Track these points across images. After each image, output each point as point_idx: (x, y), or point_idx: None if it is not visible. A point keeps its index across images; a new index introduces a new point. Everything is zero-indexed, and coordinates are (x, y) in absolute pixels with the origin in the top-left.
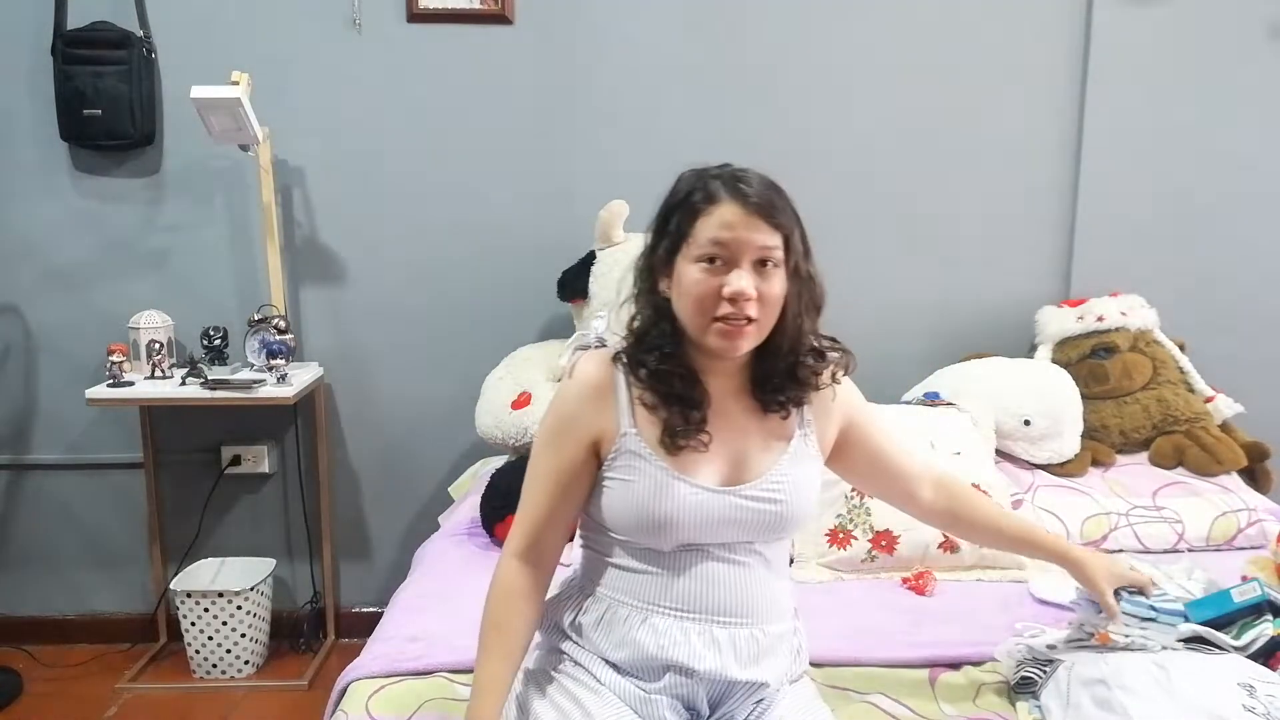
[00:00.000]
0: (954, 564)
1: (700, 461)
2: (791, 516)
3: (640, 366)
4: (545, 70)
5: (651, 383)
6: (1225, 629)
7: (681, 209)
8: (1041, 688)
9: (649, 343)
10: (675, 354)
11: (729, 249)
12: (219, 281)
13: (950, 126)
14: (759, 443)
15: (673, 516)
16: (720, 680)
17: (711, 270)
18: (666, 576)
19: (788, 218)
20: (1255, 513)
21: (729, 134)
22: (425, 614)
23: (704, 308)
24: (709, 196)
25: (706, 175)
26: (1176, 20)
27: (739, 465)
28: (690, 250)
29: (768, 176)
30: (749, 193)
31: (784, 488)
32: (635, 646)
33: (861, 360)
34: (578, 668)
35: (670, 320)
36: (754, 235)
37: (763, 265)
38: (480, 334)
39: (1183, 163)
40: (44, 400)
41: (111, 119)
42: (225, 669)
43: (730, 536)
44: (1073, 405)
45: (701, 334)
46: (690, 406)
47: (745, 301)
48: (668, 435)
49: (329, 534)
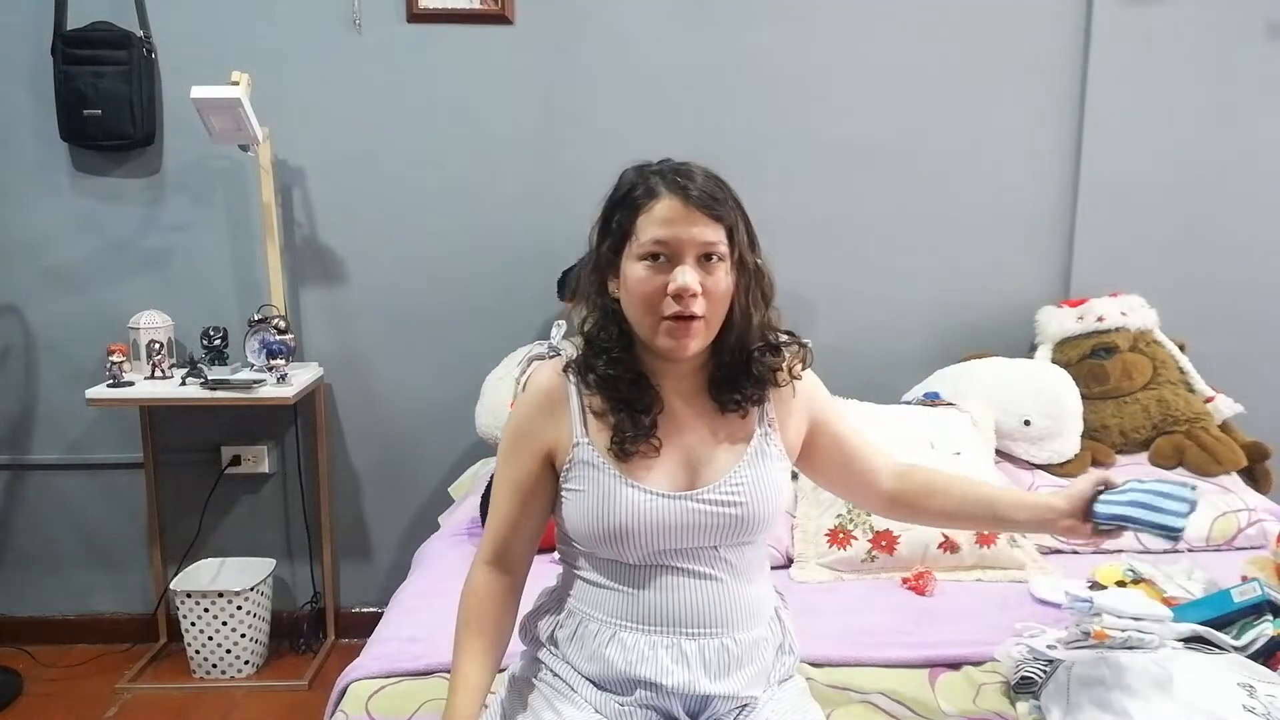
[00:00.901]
0: (954, 564)
1: (654, 467)
2: (754, 519)
3: (589, 372)
4: (545, 70)
5: (600, 388)
6: (1225, 629)
7: (623, 206)
8: (1041, 688)
9: (598, 346)
10: (625, 358)
11: (671, 245)
12: (219, 281)
13: (950, 126)
14: (717, 445)
15: (627, 525)
16: (691, 696)
17: (655, 267)
18: (631, 591)
19: (729, 209)
20: (1255, 513)
21: (729, 134)
22: (425, 614)
23: (650, 306)
24: (649, 192)
25: (647, 170)
26: (1176, 20)
27: (696, 468)
28: (634, 248)
29: (710, 169)
30: (689, 186)
31: (744, 489)
32: (605, 662)
33: (862, 360)
34: (556, 678)
35: (620, 323)
36: (696, 229)
37: (707, 259)
38: (480, 334)
39: (1183, 162)
40: (44, 400)
41: (111, 119)
42: (225, 669)
43: (692, 542)
44: (1073, 405)
45: (650, 335)
46: (639, 411)
47: (691, 297)
48: (616, 442)
49: (329, 534)
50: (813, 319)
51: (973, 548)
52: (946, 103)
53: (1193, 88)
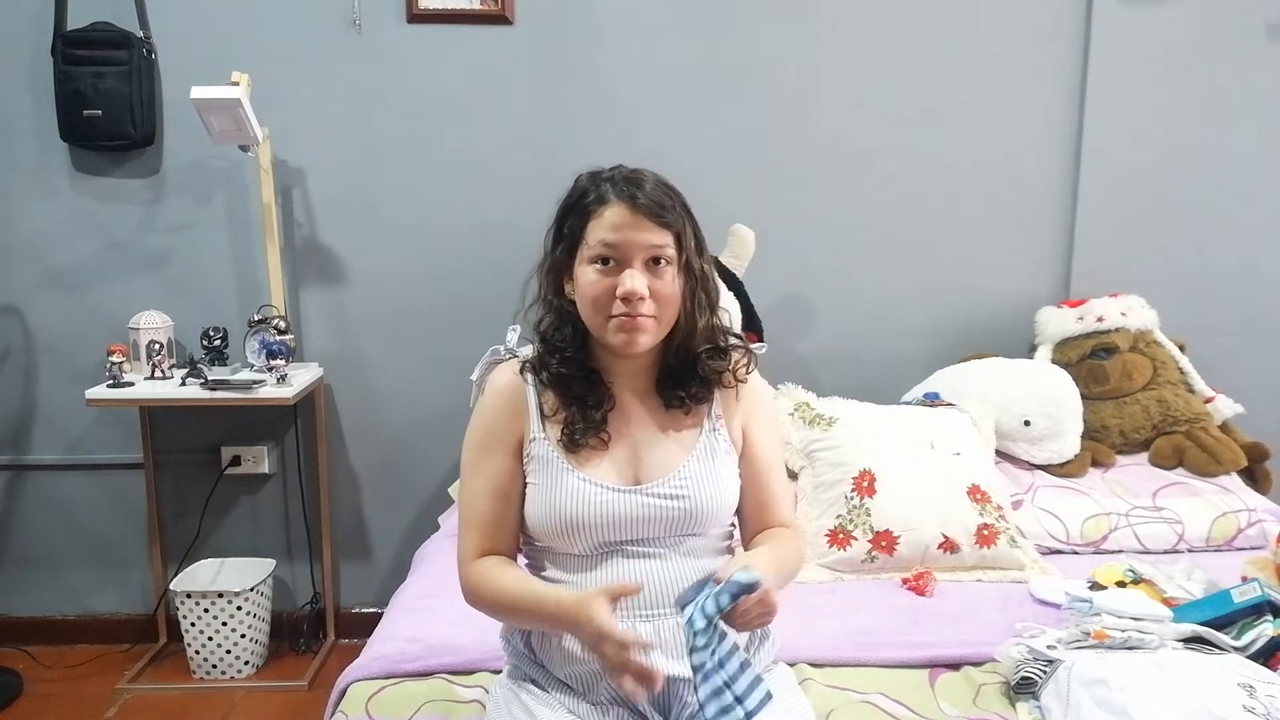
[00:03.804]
0: (954, 564)
1: (605, 462)
2: (700, 512)
3: (544, 370)
4: (545, 70)
5: (553, 385)
6: (1225, 629)
7: (575, 212)
8: (1041, 688)
9: (552, 345)
10: (578, 356)
11: (619, 250)
12: (219, 282)
13: (950, 126)
14: (666, 441)
15: (579, 517)
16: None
17: (605, 271)
18: (584, 580)
19: (677, 216)
20: (1255, 513)
21: (728, 134)
22: (425, 615)
23: (600, 307)
24: (600, 198)
25: (599, 178)
26: (1176, 20)
27: (645, 464)
28: (584, 252)
29: (661, 176)
30: (637, 194)
31: (690, 484)
32: (569, 658)
33: (862, 360)
34: (534, 685)
35: (574, 323)
36: (643, 235)
37: (655, 263)
38: (480, 334)
39: (1183, 163)
40: (44, 401)
41: (112, 119)
42: (225, 669)
43: (642, 534)
44: (1073, 406)
45: (601, 332)
46: (590, 406)
47: (638, 300)
48: (566, 434)
49: (329, 534)
50: (813, 319)
51: (973, 548)
52: (947, 103)
53: (1193, 88)
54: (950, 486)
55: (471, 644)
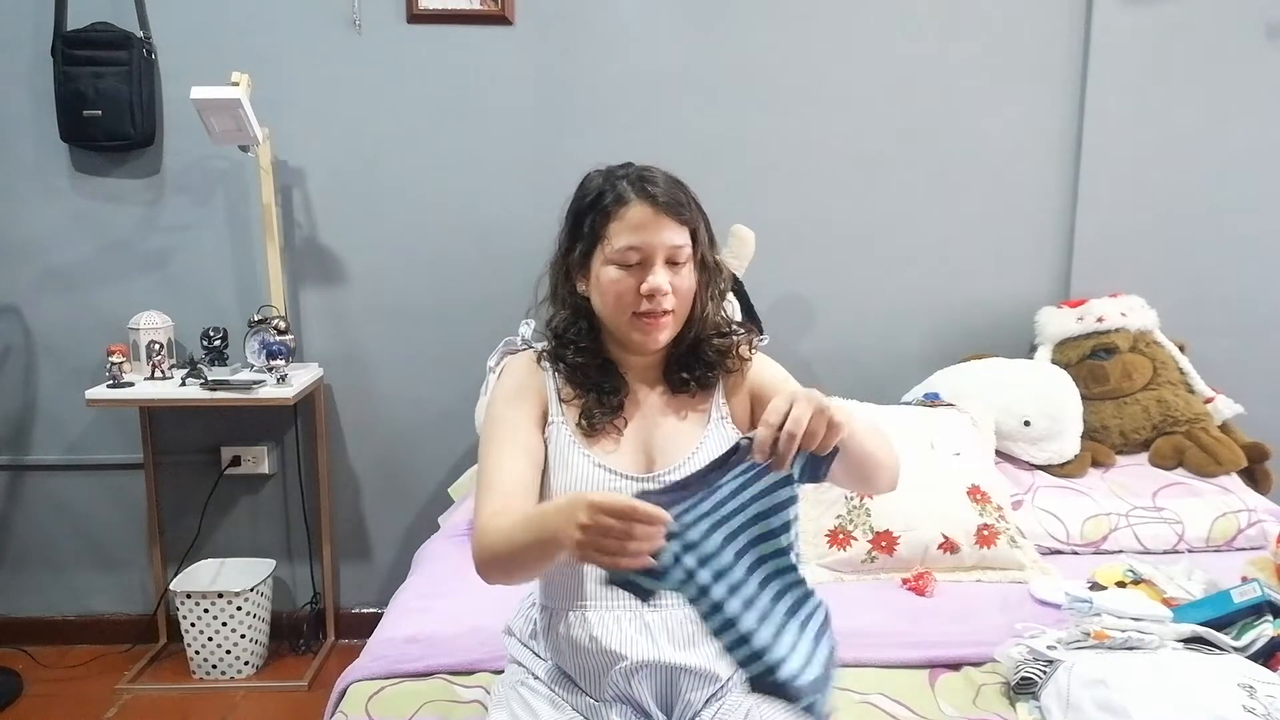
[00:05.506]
0: (954, 564)
1: (620, 450)
2: None
3: (560, 361)
4: (545, 70)
5: (570, 375)
6: (1225, 629)
7: (593, 211)
8: (1041, 688)
9: (566, 339)
10: (592, 348)
11: (643, 250)
12: (219, 282)
13: (950, 127)
14: (677, 430)
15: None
16: (656, 666)
17: (628, 270)
18: (592, 570)
19: (693, 212)
20: (1255, 513)
21: (728, 135)
22: (425, 615)
23: (623, 305)
24: (619, 198)
25: (614, 176)
26: (1176, 20)
27: (658, 452)
28: (605, 252)
29: (671, 173)
30: (656, 192)
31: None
32: (575, 647)
33: (862, 361)
34: (537, 680)
35: (589, 318)
36: (665, 234)
37: (674, 260)
38: (480, 334)
39: (1182, 163)
40: (44, 401)
41: (111, 120)
42: (225, 670)
43: None
44: (1072, 406)
45: (623, 330)
46: (607, 392)
47: (662, 297)
48: (585, 419)
49: (329, 534)
50: (813, 319)
51: (973, 549)
52: (947, 103)
53: (1193, 88)
54: (950, 487)
55: (472, 644)
